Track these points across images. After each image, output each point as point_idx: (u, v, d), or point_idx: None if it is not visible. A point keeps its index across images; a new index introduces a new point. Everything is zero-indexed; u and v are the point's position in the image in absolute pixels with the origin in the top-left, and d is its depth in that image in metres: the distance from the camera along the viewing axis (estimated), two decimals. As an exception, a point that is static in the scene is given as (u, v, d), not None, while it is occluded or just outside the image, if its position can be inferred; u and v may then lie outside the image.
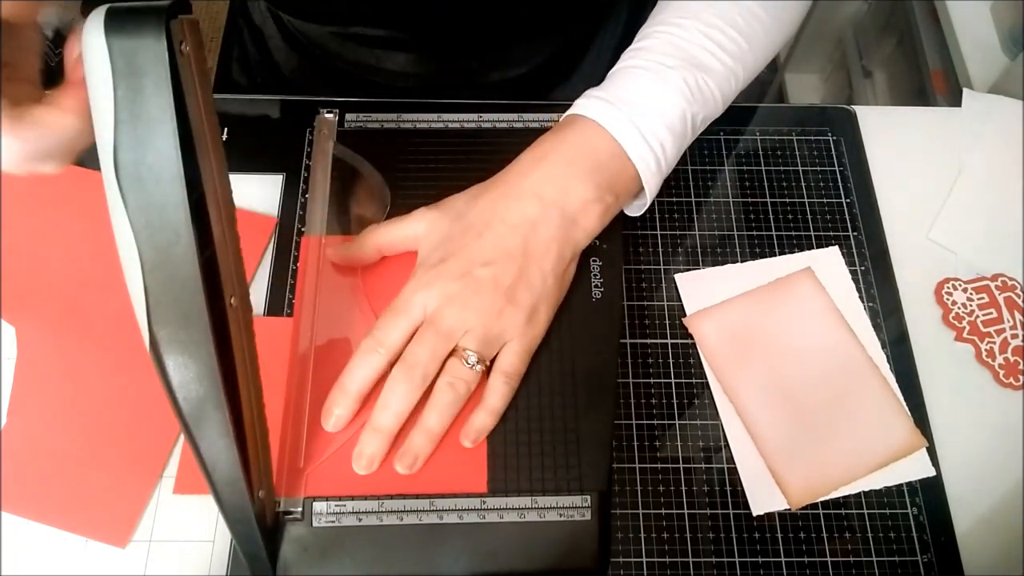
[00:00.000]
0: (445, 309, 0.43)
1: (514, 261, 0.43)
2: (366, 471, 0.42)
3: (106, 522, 0.42)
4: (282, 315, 0.48)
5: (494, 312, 0.43)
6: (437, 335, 0.42)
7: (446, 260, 0.44)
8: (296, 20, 0.63)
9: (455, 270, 0.43)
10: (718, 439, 0.46)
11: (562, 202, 0.44)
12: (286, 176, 0.52)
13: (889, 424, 0.45)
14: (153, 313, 0.31)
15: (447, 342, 0.43)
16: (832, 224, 0.52)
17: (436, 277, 0.43)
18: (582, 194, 0.44)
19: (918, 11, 1.02)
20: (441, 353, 0.43)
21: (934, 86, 0.96)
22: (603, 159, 0.45)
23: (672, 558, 0.42)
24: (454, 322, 0.42)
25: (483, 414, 0.43)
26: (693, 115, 0.46)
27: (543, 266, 0.44)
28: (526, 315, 0.43)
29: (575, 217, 0.45)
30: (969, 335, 0.49)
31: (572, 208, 0.44)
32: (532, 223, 0.44)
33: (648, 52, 0.46)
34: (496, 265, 0.43)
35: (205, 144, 0.31)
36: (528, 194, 0.44)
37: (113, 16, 0.28)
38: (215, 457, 0.34)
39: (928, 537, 0.43)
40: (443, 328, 0.42)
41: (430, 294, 0.43)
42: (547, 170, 0.45)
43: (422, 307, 0.43)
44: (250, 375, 0.37)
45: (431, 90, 0.63)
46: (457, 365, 0.43)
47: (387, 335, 0.43)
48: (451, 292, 0.43)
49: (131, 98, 0.28)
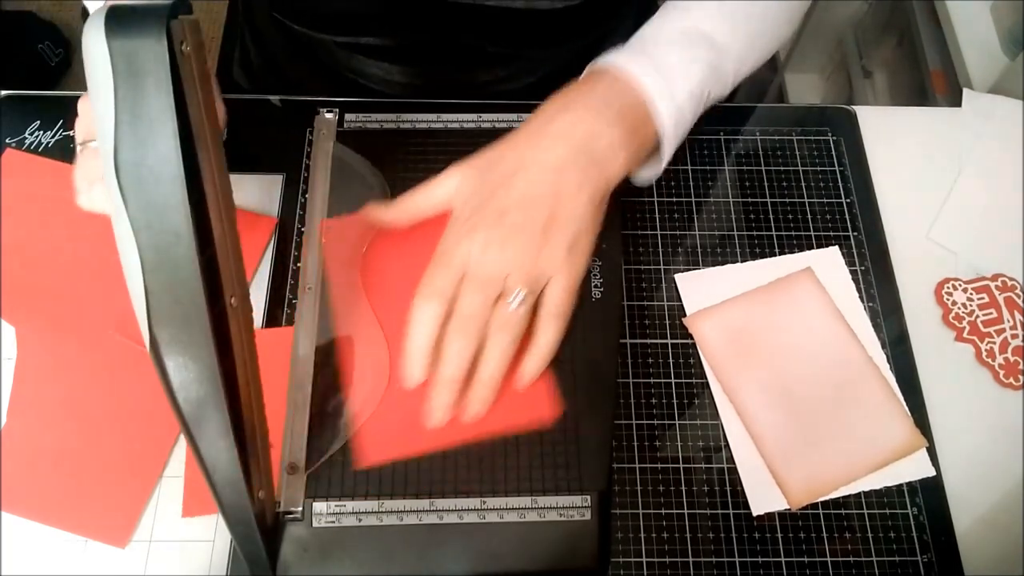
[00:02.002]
0: (486, 255, 0.43)
1: (547, 202, 0.44)
2: (441, 422, 0.43)
3: (106, 522, 0.42)
4: (282, 315, 0.48)
5: (533, 251, 0.43)
6: (482, 283, 0.43)
7: (481, 208, 0.44)
8: (302, 29, 0.63)
9: (490, 216, 0.44)
10: (718, 439, 0.46)
11: (590, 145, 0.45)
12: (286, 176, 0.52)
13: (889, 424, 0.45)
14: (153, 313, 0.31)
15: (493, 287, 0.43)
16: (832, 224, 0.52)
17: (473, 225, 0.44)
18: (608, 138, 0.45)
19: (918, 11, 1.02)
20: (490, 299, 0.43)
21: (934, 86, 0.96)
22: (628, 108, 0.45)
23: (672, 558, 0.42)
24: (496, 266, 0.43)
25: (534, 357, 0.44)
26: (709, 91, 0.47)
27: (576, 206, 0.44)
28: (565, 251, 0.44)
29: (603, 160, 0.45)
30: (969, 335, 0.49)
31: (600, 151, 0.45)
32: (562, 165, 0.44)
33: (670, 26, 0.48)
34: (530, 207, 0.44)
35: (205, 144, 0.31)
36: (556, 137, 0.45)
37: (114, 16, 0.28)
38: (215, 458, 0.34)
39: (928, 537, 0.43)
40: (486, 274, 0.43)
41: (470, 243, 0.43)
42: (574, 115, 0.45)
43: (464, 255, 0.43)
44: (250, 375, 0.37)
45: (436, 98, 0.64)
46: (504, 311, 0.43)
47: (437, 285, 0.43)
48: (489, 237, 0.43)
49: (131, 98, 0.28)
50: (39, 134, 0.53)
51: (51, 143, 0.53)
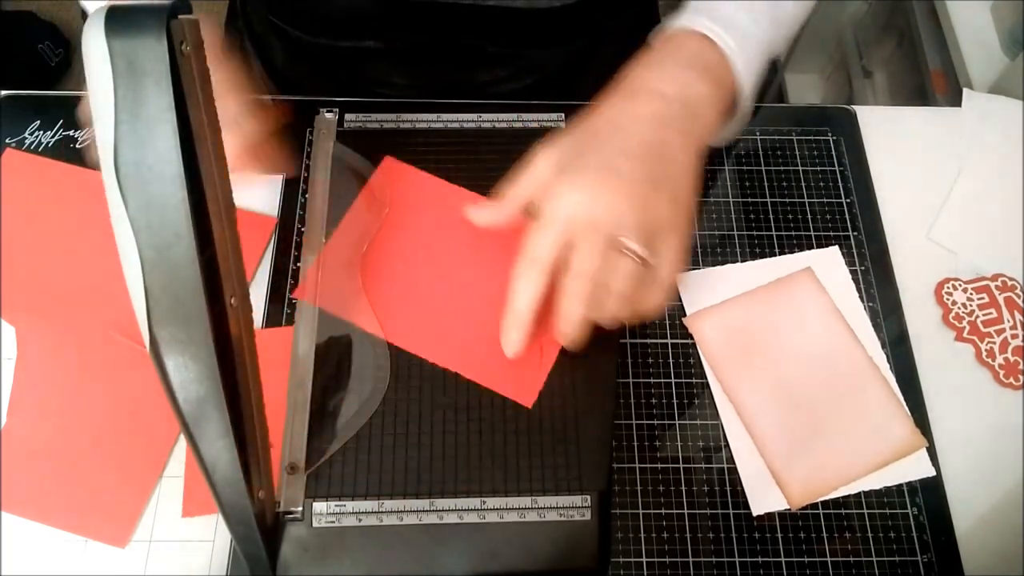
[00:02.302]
0: (593, 205, 0.41)
1: (649, 153, 0.43)
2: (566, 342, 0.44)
3: (106, 522, 0.42)
4: (282, 314, 0.48)
5: (644, 202, 0.41)
6: (594, 234, 0.41)
7: (580, 159, 0.43)
8: (301, 34, 0.63)
9: (593, 165, 0.42)
10: (718, 439, 0.46)
11: (684, 97, 0.44)
12: (286, 176, 0.52)
13: (889, 424, 0.45)
14: (153, 313, 0.31)
15: (605, 239, 0.41)
16: (832, 224, 0.52)
17: (575, 175, 0.42)
18: (701, 90, 0.44)
19: (918, 11, 1.02)
20: (603, 252, 0.41)
21: (934, 86, 0.96)
22: (710, 64, 0.45)
23: (672, 558, 0.42)
24: (606, 215, 0.41)
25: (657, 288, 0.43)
26: (772, 42, 0.48)
27: (678, 157, 0.43)
28: (673, 204, 0.42)
29: (697, 112, 0.44)
30: (969, 335, 0.49)
31: (694, 104, 0.44)
32: (660, 117, 0.44)
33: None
34: (634, 158, 0.42)
35: (205, 144, 0.31)
36: (650, 93, 0.44)
37: (114, 16, 0.28)
38: (215, 457, 0.34)
39: (928, 537, 0.43)
40: (597, 225, 0.41)
41: (573, 195, 0.42)
42: (665, 70, 0.45)
43: (569, 211, 0.41)
44: (250, 375, 0.37)
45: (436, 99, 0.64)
46: (619, 261, 0.41)
47: (540, 250, 0.42)
48: (595, 187, 0.41)
49: (131, 98, 0.28)
50: (39, 134, 0.53)
51: (51, 143, 0.53)
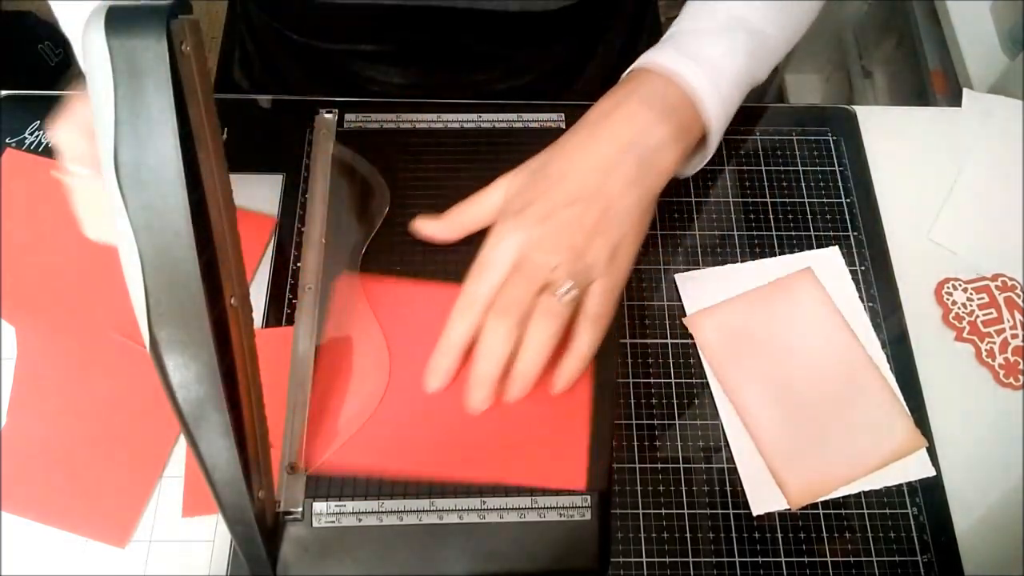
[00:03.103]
0: (532, 252, 0.43)
1: (596, 202, 0.43)
2: (477, 411, 0.43)
3: (106, 522, 0.42)
4: (282, 314, 0.48)
5: (579, 252, 0.43)
6: (526, 278, 0.42)
7: (528, 206, 0.44)
8: (300, 38, 0.63)
9: (538, 213, 0.43)
10: (718, 439, 0.46)
11: (640, 145, 0.45)
12: (286, 176, 0.52)
13: (889, 424, 0.45)
14: (153, 313, 0.31)
15: (536, 283, 0.42)
16: (832, 224, 0.52)
17: (520, 223, 0.43)
18: (658, 137, 0.45)
19: (918, 11, 1.02)
20: (534, 288, 0.42)
21: (934, 86, 0.96)
22: (676, 105, 0.45)
23: (672, 558, 0.42)
24: (541, 263, 0.42)
25: (573, 359, 0.43)
26: (753, 76, 0.48)
27: (624, 207, 0.44)
28: (609, 253, 0.43)
29: (653, 159, 0.45)
30: (969, 335, 0.49)
31: (650, 151, 0.45)
32: (612, 165, 0.44)
33: (709, 15, 0.48)
34: (578, 205, 0.43)
35: (205, 144, 0.31)
36: (607, 138, 0.45)
37: (114, 16, 0.28)
38: (215, 457, 0.34)
39: (928, 537, 0.43)
40: (531, 271, 0.42)
41: (516, 240, 0.43)
42: (624, 114, 0.45)
43: (509, 255, 0.43)
44: (250, 375, 0.37)
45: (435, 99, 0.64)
46: (549, 301, 0.42)
47: (479, 288, 0.43)
48: (535, 235, 0.43)
49: (131, 98, 0.28)
50: (39, 134, 0.53)
51: (51, 143, 0.53)
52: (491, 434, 0.44)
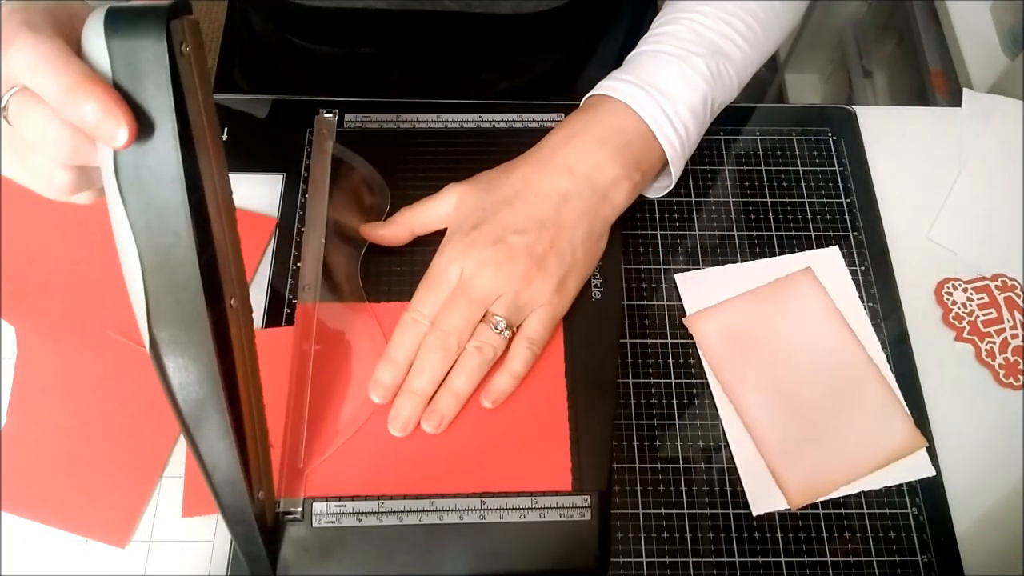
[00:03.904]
0: (478, 275, 0.44)
1: (546, 231, 0.44)
2: (402, 433, 0.43)
3: (106, 522, 0.42)
4: (282, 314, 0.48)
5: (525, 279, 0.44)
6: (469, 301, 0.43)
7: (479, 227, 0.45)
8: (300, 41, 0.63)
9: (488, 236, 0.44)
10: (718, 439, 0.46)
11: (593, 177, 0.45)
12: (286, 176, 0.52)
13: (889, 424, 0.45)
14: (153, 315, 0.31)
15: (479, 308, 0.44)
16: (832, 224, 0.52)
17: (470, 244, 0.44)
18: (612, 171, 0.45)
19: (918, 11, 1.02)
20: (473, 319, 0.43)
21: (934, 86, 0.96)
22: (631, 138, 0.46)
23: (672, 558, 0.42)
24: (486, 288, 0.43)
25: (505, 376, 0.44)
26: (713, 99, 0.48)
27: (574, 237, 0.45)
28: (555, 284, 0.44)
29: (605, 192, 0.46)
30: (969, 335, 0.49)
31: (603, 184, 0.45)
32: (564, 195, 0.45)
33: (673, 38, 0.48)
34: (529, 233, 0.44)
35: (205, 144, 0.31)
36: (560, 168, 0.45)
37: (113, 17, 0.28)
38: (215, 458, 0.34)
39: (928, 537, 0.43)
40: (475, 294, 0.43)
41: (464, 261, 0.44)
42: (578, 146, 0.46)
43: (456, 274, 0.44)
44: (250, 376, 0.36)
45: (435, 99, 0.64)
46: (486, 330, 0.43)
47: (425, 305, 0.44)
48: (484, 258, 0.44)
49: (131, 99, 0.28)
50: (39, 134, 0.53)
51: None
52: (473, 446, 0.44)
